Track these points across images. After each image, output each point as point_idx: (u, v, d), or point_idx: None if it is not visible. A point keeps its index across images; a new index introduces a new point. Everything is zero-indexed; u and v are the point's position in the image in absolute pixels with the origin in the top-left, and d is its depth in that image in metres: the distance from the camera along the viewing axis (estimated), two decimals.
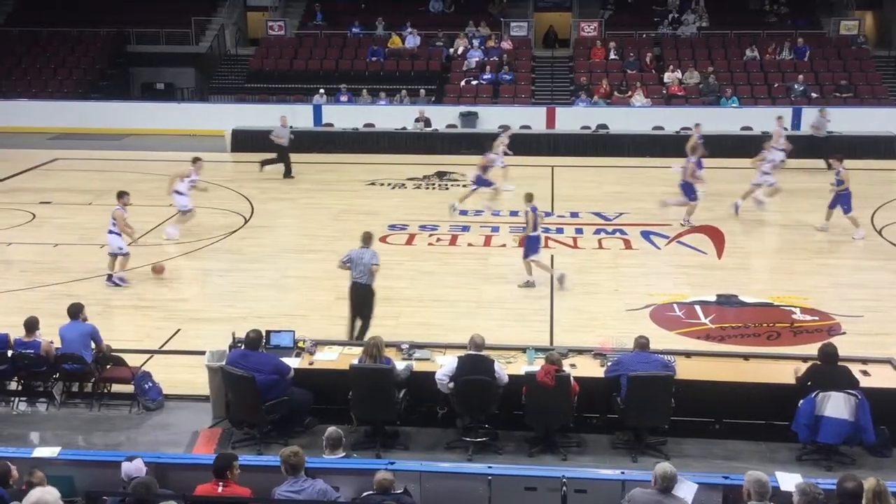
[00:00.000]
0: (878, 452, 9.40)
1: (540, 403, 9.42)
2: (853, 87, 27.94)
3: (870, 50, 30.25)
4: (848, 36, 30.26)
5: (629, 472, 7.85)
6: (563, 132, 25.98)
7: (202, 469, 7.34)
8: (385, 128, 26.01)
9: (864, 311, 13.38)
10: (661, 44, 30.67)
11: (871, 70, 29.08)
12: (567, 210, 19.28)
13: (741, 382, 9.88)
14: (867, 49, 30.15)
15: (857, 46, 29.98)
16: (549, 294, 14.37)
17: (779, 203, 19.54)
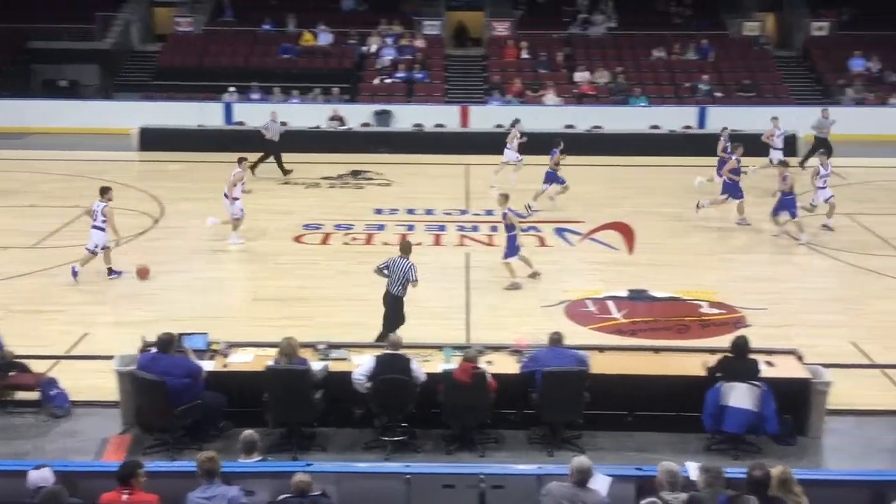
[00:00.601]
0: (783, 441, 9.72)
1: (457, 401, 9.46)
2: (756, 87, 28.81)
3: (771, 50, 31.25)
4: (750, 37, 31.21)
5: (546, 466, 7.96)
6: (477, 131, 26.16)
7: (111, 477, 7.14)
8: (298, 126, 25.73)
9: (769, 304, 13.81)
10: (571, 44, 31.10)
11: (772, 70, 30.06)
12: (482, 208, 19.39)
13: (653, 375, 10.12)
14: (769, 49, 31.14)
15: (759, 47, 30.95)
16: (464, 292, 14.43)
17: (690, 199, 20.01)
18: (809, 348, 10.99)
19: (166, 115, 25.96)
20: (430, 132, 25.75)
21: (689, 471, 7.30)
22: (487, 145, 24.91)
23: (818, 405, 9.90)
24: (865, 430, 10.16)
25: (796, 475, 6.93)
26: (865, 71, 29.28)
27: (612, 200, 18.89)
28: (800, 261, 16.30)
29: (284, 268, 15.69)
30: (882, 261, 15.94)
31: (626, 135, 25.19)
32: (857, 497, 7.45)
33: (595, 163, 23.62)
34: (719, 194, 18.46)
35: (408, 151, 24.40)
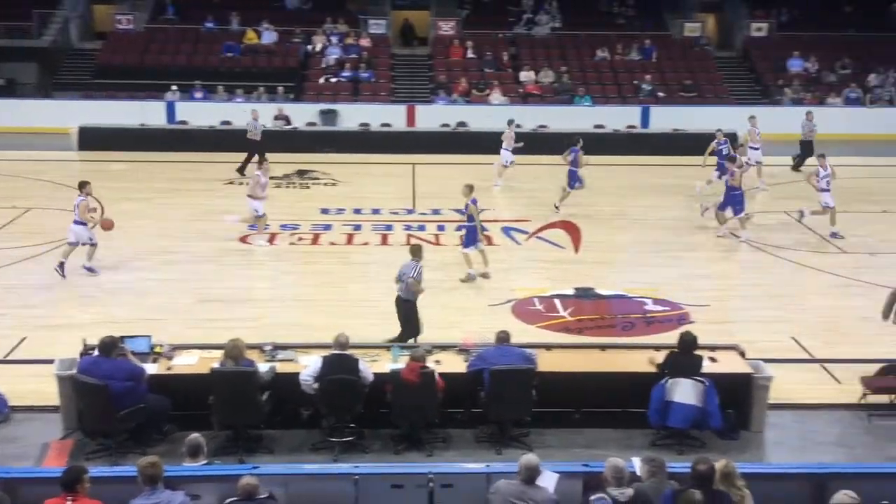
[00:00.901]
0: (726, 436, 9.88)
1: (405, 401, 9.45)
2: (697, 87, 29.26)
3: (712, 51, 31.76)
4: (691, 37, 31.69)
5: (494, 464, 7.98)
6: (424, 130, 26.18)
7: (54, 483, 6.98)
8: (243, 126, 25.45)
9: (711, 301, 14.04)
10: (516, 43, 31.27)
11: (713, 70, 30.55)
12: (429, 207, 19.40)
13: (599, 372, 10.21)
14: (709, 50, 31.65)
15: (700, 48, 31.44)
16: None
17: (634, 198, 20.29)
18: (751, 344, 11.19)
19: (107, 114, 25.49)
20: (377, 131, 25.68)
21: (635, 466, 7.39)
22: (434, 145, 25.02)
23: (760, 400, 10.09)
24: (806, 423, 10.38)
25: (739, 469, 7.06)
26: (803, 71, 29.93)
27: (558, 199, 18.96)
28: (741, 258, 16.58)
29: (230, 269, 15.51)
30: (821, 258, 16.30)
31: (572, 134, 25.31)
32: (799, 489, 7.60)
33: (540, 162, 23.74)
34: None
35: (354, 151, 24.29)
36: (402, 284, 11.72)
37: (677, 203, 19.88)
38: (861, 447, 9.99)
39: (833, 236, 17.24)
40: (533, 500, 6.92)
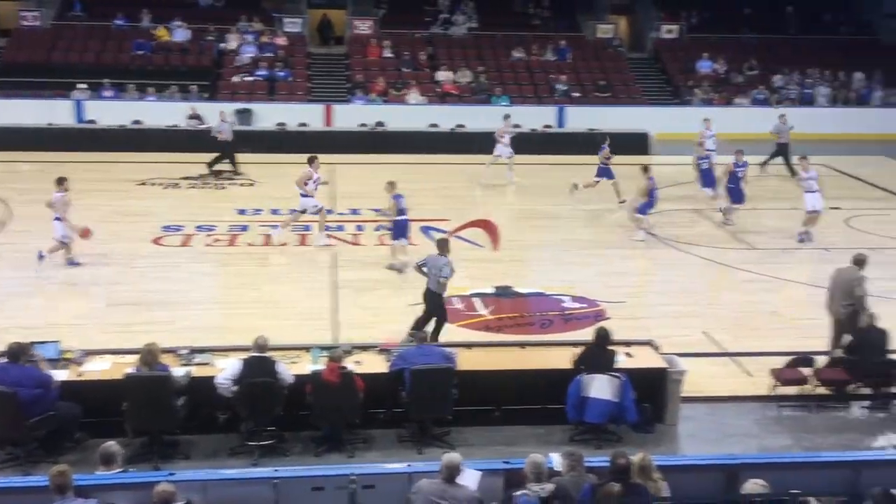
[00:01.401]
0: (642, 429, 10.09)
1: (326, 402, 9.39)
2: (611, 87, 29.78)
3: (624, 52, 32.37)
4: (604, 39, 32.24)
5: (415, 464, 7.97)
6: (341, 129, 26.03)
7: None
8: (155, 125, 24.94)
9: (627, 297, 14.31)
10: (433, 43, 31.33)
11: (626, 71, 31.13)
12: (348, 207, 19.30)
13: (519, 370, 10.33)
14: (622, 51, 32.24)
15: (612, 49, 32.00)
16: (331, 292, 14.34)
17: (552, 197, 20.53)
18: (665, 339, 11.45)
19: (13, 114, 24.64)
20: (294, 131, 25.40)
21: (554, 461, 7.49)
22: (352, 144, 24.90)
23: (674, 393, 10.32)
24: (718, 415, 10.66)
25: (655, 461, 7.21)
26: (712, 72, 30.74)
27: (477, 198, 19.14)
28: (655, 255, 16.92)
29: (143, 271, 15.17)
30: (730, 254, 16.76)
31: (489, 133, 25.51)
32: (712, 480, 7.79)
33: (459, 161, 23.89)
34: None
35: (271, 151, 23.98)
36: (432, 277, 11.79)
37: (593, 201, 20.18)
38: (771, 437, 10.31)
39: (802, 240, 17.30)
40: (455, 498, 6.95)
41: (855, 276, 11.65)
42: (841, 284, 11.73)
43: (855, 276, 11.63)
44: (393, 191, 15.31)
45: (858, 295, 11.48)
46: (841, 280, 11.77)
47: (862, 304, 11.44)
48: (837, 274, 11.93)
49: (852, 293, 11.51)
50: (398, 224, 15.31)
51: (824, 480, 7.75)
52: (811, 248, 17.06)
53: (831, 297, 11.92)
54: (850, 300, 11.52)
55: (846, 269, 11.88)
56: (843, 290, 11.66)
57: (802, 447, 10.15)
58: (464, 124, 26.10)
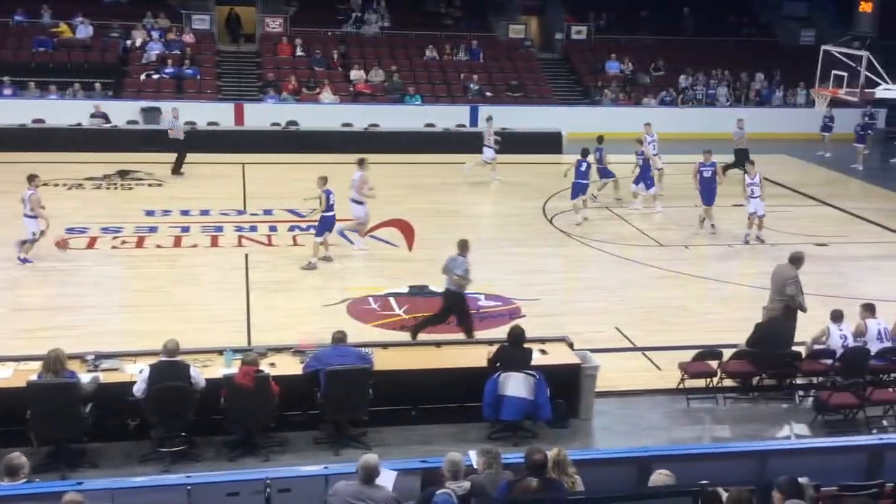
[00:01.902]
0: (557, 425, 10.22)
1: (240, 406, 9.24)
2: (522, 87, 30.10)
3: (535, 52, 32.75)
4: (516, 39, 32.56)
5: (332, 466, 7.91)
6: (253, 129, 25.65)
7: None
8: (57, 124, 24.15)
9: (540, 295, 14.48)
10: (346, 42, 31.16)
11: (537, 71, 31.50)
12: (260, 208, 19.04)
13: (435, 369, 10.35)
14: (533, 52, 32.62)
15: (524, 49, 32.34)
16: (245, 294, 14.13)
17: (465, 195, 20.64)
18: (578, 335, 11.64)
19: None
20: (203, 130, 24.90)
21: (472, 459, 7.52)
22: (264, 144, 24.57)
23: (588, 388, 10.50)
24: (630, 409, 10.88)
25: (570, 456, 7.31)
26: (620, 73, 31.35)
27: (391, 198, 19.07)
28: (568, 252, 17.17)
29: (47, 275, 14.69)
30: (640, 251, 17.11)
31: (403, 132, 25.57)
32: (625, 472, 7.95)
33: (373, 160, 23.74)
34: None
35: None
36: (452, 279, 11.94)
37: (507, 199, 20.38)
38: (680, 429, 10.58)
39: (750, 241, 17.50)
40: (372, 499, 6.91)
41: (789, 274, 11.91)
42: (776, 281, 12.03)
43: (789, 275, 11.89)
44: (324, 185, 15.31)
45: (789, 294, 11.72)
46: (776, 277, 12.06)
47: (793, 301, 11.71)
48: (774, 271, 12.22)
49: (783, 290, 11.78)
50: (325, 219, 15.33)
51: (732, 470, 7.99)
52: (716, 245, 17.56)
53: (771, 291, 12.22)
54: (782, 297, 11.81)
55: (783, 266, 12.15)
56: (775, 287, 12.00)
57: (710, 438, 10.45)
58: (377, 123, 26.02)
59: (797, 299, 11.72)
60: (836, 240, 17.96)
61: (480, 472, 7.19)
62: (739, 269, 16.58)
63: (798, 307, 11.70)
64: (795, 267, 11.95)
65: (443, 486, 6.93)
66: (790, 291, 11.72)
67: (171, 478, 8.00)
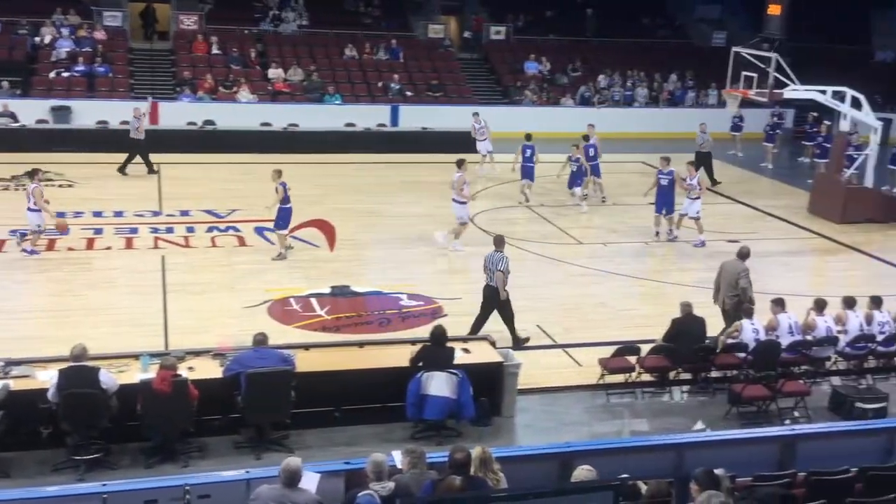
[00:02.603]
0: (480, 423, 10.28)
1: (157, 411, 9.05)
2: (443, 87, 30.17)
3: (455, 52, 32.87)
4: (435, 39, 32.62)
5: (253, 470, 7.80)
6: (168, 128, 25.06)
7: None
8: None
9: (463, 294, 14.50)
10: (263, 40, 30.77)
11: (457, 71, 31.62)
12: (176, 209, 18.67)
13: (358, 369, 10.30)
14: (452, 51, 32.73)
15: (443, 49, 32.43)
16: (161, 297, 13.83)
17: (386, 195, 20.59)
18: (500, 333, 11.72)
19: None
20: (117, 130, 24.27)
21: (396, 459, 7.51)
22: (180, 143, 24.09)
23: (510, 386, 10.57)
24: (552, 405, 11.00)
25: (494, 453, 7.35)
26: (538, 73, 31.69)
27: (312, 198, 18.91)
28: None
29: None
30: (560, 249, 17.32)
31: (323, 132, 25.38)
32: (547, 468, 8.04)
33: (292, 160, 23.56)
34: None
35: (92, 150, 22.84)
36: (490, 272, 12.23)
37: (428, 199, 20.39)
38: (601, 424, 10.74)
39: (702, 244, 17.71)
40: (295, 502, 6.84)
41: (739, 268, 12.41)
42: (726, 277, 12.48)
43: (740, 269, 12.38)
44: (279, 178, 15.53)
45: (742, 287, 12.22)
46: (726, 273, 12.52)
47: (746, 294, 12.18)
48: (723, 267, 12.70)
49: (736, 285, 12.24)
50: (283, 210, 15.52)
51: (651, 463, 8.16)
52: (633, 242, 17.88)
53: (717, 288, 12.67)
54: (735, 291, 12.27)
55: (731, 262, 12.66)
56: (727, 282, 12.42)
57: (630, 432, 10.64)
58: (297, 123, 25.76)
59: (748, 292, 12.20)
60: (747, 236, 18.40)
61: (405, 472, 7.18)
62: (657, 266, 16.95)
63: (748, 300, 12.13)
64: (743, 261, 12.48)
65: (367, 487, 6.91)
66: (743, 284, 12.23)
67: (86, 486, 7.78)
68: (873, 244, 18.52)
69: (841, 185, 20.35)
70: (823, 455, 8.54)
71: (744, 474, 7.65)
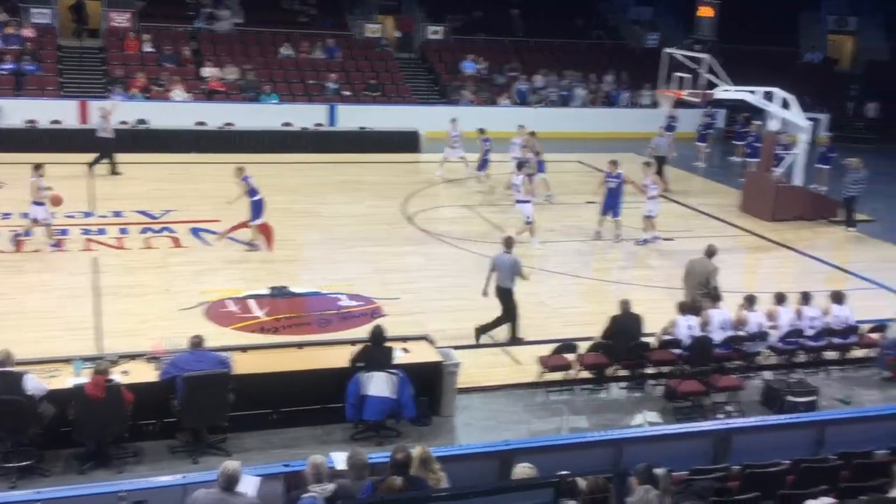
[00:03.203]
0: (420, 422, 10.29)
1: (91, 417, 8.87)
2: (381, 87, 30.09)
3: (392, 52, 32.80)
4: (373, 38, 32.51)
5: (190, 475, 7.70)
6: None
7: None
8: None
9: (402, 293, 14.52)
10: (197, 38, 30.32)
11: (395, 71, 31.55)
12: (109, 209, 18.30)
13: (297, 371, 10.23)
14: (390, 51, 32.66)
15: (381, 48, 32.34)
16: (93, 299, 13.55)
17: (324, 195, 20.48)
18: (439, 332, 11.74)
19: None
20: (45, 129, 23.74)
21: (335, 461, 7.47)
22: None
23: (450, 385, 10.60)
24: (492, 404, 11.06)
25: (434, 453, 7.37)
26: (476, 73, 31.80)
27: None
28: (428, 251, 17.27)
29: None
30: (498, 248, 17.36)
31: (259, 132, 25.13)
32: (487, 466, 8.09)
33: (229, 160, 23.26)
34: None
35: (19, 150, 22.21)
36: (505, 274, 12.53)
37: (366, 199, 20.34)
38: (540, 422, 10.83)
39: (644, 242, 17.90)
40: None
41: (710, 267, 12.87)
42: (695, 274, 12.89)
43: (710, 268, 12.85)
44: (241, 174, 15.97)
45: (714, 285, 12.69)
46: (695, 270, 12.96)
47: (716, 292, 12.62)
48: (691, 265, 13.14)
49: (707, 282, 12.67)
50: (255, 203, 15.87)
51: (590, 460, 8.26)
52: (571, 241, 18.04)
53: (686, 286, 13.04)
54: (705, 288, 12.65)
55: (699, 260, 13.11)
56: (697, 280, 12.82)
57: (569, 429, 10.75)
58: (233, 122, 25.45)
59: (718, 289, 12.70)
60: (681, 234, 18.78)
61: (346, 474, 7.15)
62: (594, 265, 17.13)
63: (717, 297, 12.57)
64: (710, 259, 12.98)
65: (307, 489, 6.86)
66: (714, 282, 12.71)
67: (18, 494, 7.64)
68: (803, 241, 19.00)
69: (771, 184, 20.82)
70: (756, 448, 8.75)
71: (680, 468, 7.78)
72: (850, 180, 19.89)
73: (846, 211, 20.22)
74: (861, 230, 20.04)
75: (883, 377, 12.39)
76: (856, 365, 12.75)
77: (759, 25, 34.27)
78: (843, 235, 19.89)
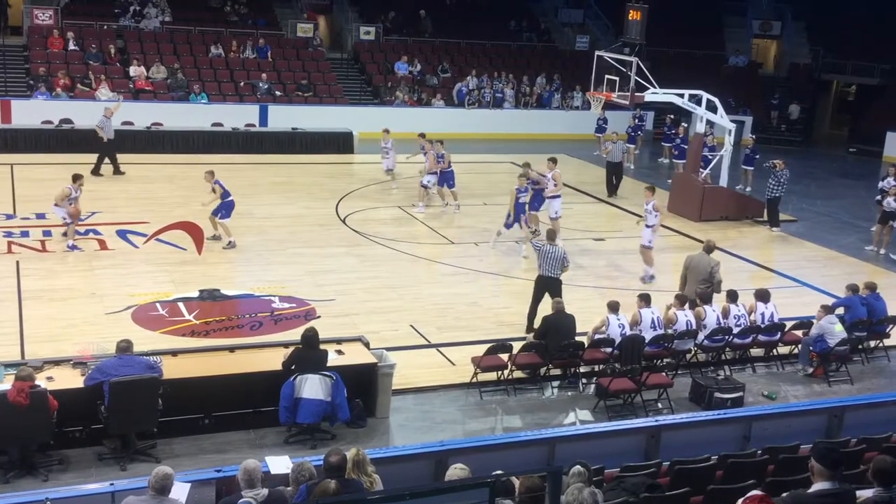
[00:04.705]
0: (355, 424, 10.24)
1: (14, 424, 8.62)
2: (313, 87, 29.87)
3: (325, 52, 32.59)
4: (305, 38, 32.26)
5: (119, 482, 7.53)
6: (22, 127, 23.90)
7: None
8: None
9: (336, 295, 14.43)
10: (124, 36, 29.69)
11: (327, 71, 31.36)
12: (32, 211, 17.81)
13: (228, 374, 10.10)
14: (322, 51, 32.44)
15: (313, 48, 32.11)
16: (16, 303, 13.17)
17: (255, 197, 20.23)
18: (374, 334, 11.71)
19: None
20: None
21: (269, 466, 7.39)
22: (35, 143, 23.06)
23: (385, 387, 10.57)
24: (427, 405, 11.07)
25: (369, 455, 7.34)
26: (409, 74, 31.79)
27: (178, 200, 18.40)
28: (361, 252, 17.20)
29: None
30: (431, 248, 17.44)
31: (189, 132, 24.74)
32: (422, 467, 8.08)
33: (156, 161, 22.91)
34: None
35: None
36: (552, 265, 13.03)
37: (298, 200, 20.18)
38: (474, 422, 10.87)
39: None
40: None
41: (712, 262, 13.55)
42: (699, 270, 13.44)
43: (713, 263, 13.54)
44: (213, 178, 16.53)
45: (719, 279, 13.37)
46: (696, 266, 13.52)
47: (718, 287, 13.27)
48: (690, 260, 13.73)
49: (711, 277, 13.35)
50: (227, 203, 16.50)
51: (524, 458, 8.31)
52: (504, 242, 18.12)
53: (685, 280, 13.64)
54: (707, 283, 13.24)
55: (699, 255, 13.75)
56: (698, 275, 13.40)
57: (503, 429, 10.81)
58: (161, 122, 25.01)
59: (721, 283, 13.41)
60: (611, 234, 19.04)
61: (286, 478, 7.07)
62: (526, 265, 17.24)
63: (717, 290, 13.24)
64: (710, 255, 13.62)
65: (240, 495, 6.77)
66: (719, 277, 13.38)
67: None
68: (729, 241, 19.43)
69: (698, 185, 21.24)
70: (686, 444, 8.90)
71: (612, 465, 7.89)
72: (774, 181, 20.40)
73: (769, 211, 20.73)
74: (784, 230, 20.59)
75: (806, 373, 12.75)
76: (781, 361, 13.08)
77: (685, 29, 34.99)
78: (768, 235, 20.40)
